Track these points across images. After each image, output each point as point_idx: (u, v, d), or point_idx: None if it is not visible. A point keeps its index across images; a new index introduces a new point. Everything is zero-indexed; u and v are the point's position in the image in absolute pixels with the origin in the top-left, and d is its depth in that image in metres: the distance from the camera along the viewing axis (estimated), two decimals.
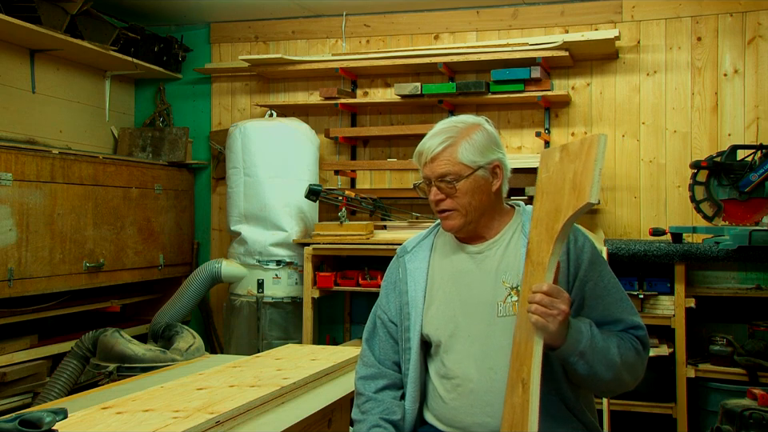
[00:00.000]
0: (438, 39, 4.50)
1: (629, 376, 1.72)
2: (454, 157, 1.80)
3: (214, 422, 1.69)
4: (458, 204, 1.81)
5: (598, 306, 1.78)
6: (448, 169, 1.80)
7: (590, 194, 1.44)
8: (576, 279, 1.77)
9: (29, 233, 3.40)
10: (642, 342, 1.76)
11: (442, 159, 1.80)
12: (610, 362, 1.67)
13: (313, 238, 4.06)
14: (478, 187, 1.82)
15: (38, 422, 1.37)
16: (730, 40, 4.02)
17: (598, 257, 1.81)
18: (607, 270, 1.82)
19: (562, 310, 1.56)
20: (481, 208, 1.84)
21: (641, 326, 1.78)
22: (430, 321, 1.88)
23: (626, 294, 1.83)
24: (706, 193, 3.65)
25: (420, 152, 1.85)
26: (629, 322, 1.78)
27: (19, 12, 3.64)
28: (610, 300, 1.79)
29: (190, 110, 4.97)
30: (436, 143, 1.81)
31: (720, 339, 3.57)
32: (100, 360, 2.96)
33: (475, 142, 1.82)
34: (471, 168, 1.80)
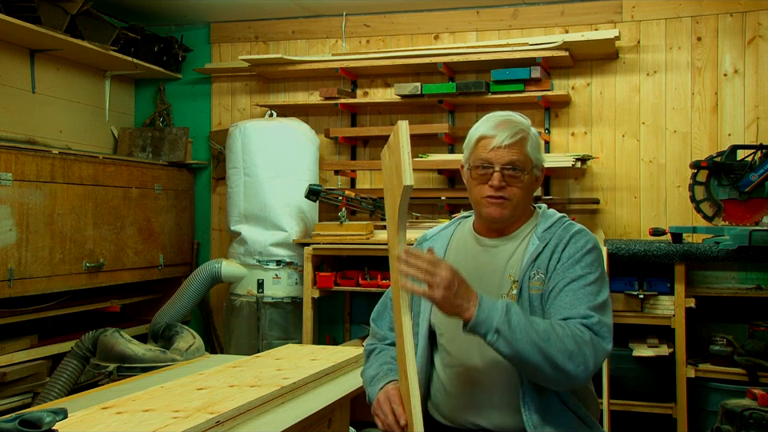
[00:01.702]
0: (438, 39, 4.50)
1: (569, 362, 1.64)
2: (524, 148, 1.85)
3: (214, 422, 1.69)
4: (515, 194, 1.85)
5: (558, 298, 1.77)
6: (519, 158, 1.84)
7: (404, 178, 1.53)
8: (553, 272, 1.81)
9: (29, 233, 3.40)
10: (591, 330, 1.70)
11: (515, 148, 1.84)
12: (535, 342, 1.63)
13: (313, 237, 4.06)
14: (531, 184, 1.89)
15: (38, 421, 1.37)
16: (730, 40, 4.02)
17: (585, 259, 1.81)
18: (590, 275, 1.79)
19: (442, 276, 1.60)
20: (526, 204, 1.90)
21: (594, 315, 1.72)
22: (436, 310, 1.89)
23: (602, 299, 1.78)
24: (706, 193, 3.65)
25: (484, 137, 1.87)
26: (581, 313, 1.73)
27: (19, 12, 3.64)
28: (573, 297, 1.76)
29: (190, 110, 4.97)
30: (510, 132, 1.84)
31: (720, 339, 3.57)
32: (100, 360, 2.96)
33: (536, 140, 1.90)
34: (533, 164, 1.87)
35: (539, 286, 1.80)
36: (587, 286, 1.77)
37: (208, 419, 1.68)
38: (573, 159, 3.88)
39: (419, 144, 4.38)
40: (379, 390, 1.84)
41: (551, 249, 1.83)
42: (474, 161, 1.88)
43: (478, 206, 1.90)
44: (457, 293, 1.62)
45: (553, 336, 1.64)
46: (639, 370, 3.58)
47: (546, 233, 1.87)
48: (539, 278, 1.81)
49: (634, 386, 3.60)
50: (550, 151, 4.25)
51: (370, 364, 1.98)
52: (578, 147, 4.23)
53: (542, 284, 1.80)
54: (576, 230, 1.87)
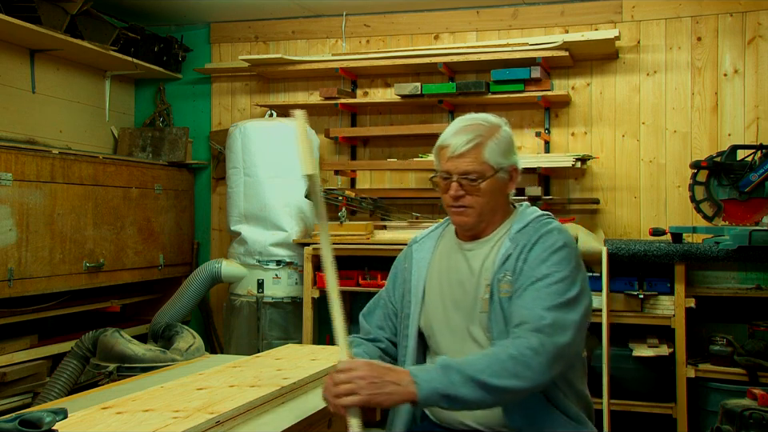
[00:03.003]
0: (438, 39, 4.50)
1: (518, 381, 1.62)
2: (480, 156, 1.83)
3: (214, 422, 1.69)
4: (476, 202, 1.85)
5: (519, 299, 1.75)
6: (474, 167, 1.82)
7: (303, 168, 1.54)
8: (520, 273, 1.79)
9: (29, 233, 3.40)
10: (542, 332, 1.66)
11: (469, 157, 1.82)
12: (482, 383, 1.60)
13: (313, 237, 4.06)
14: (497, 188, 1.86)
15: (38, 421, 1.37)
16: (730, 40, 4.02)
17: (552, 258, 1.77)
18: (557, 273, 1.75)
19: (359, 375, 1.59)
20: (494, 209, 1.88)
21: (546, 317, 1.68)
22: (425, 313, 1.94)
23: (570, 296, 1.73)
24: (706, 193, 3.65)
25: (443, 146, 1.87)
26: (535, 315, 1.69)
27: (19, 12, 3.64)
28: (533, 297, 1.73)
29: (190, 110, 4.97)
30: (464, 140, 1.82)
31: (720, 339, 3.57)
32: (100, 360, 2.95)
33: (500, 142, 1.85)
34: (495, 169, 1.84)
35: (507, 288, 1.79)
36: (552, 285, 1.73)
37: (208, 419, 1.68)
38: (573, 159, 3.88)
39: (419, 144, 4.38)
40: None
41: (519, 250, 1.82)
42: (438, 169, 1.90)
43: (449, 213, 1.92)
44: (383, 383, 1.59)
45: (495, 367, 1.62)
46: (639, 370, 3.58)
47: (518, 234, 1.85)
48: (507, 280, 1.80)
49: (634, 386, 3.60)
50: (549, 151, 4.25)
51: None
52: (578, 147, 4.23)
53: (510, 286, 1.79)
54: (547, 230, 1.84)
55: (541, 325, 1.68)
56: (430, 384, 1.60)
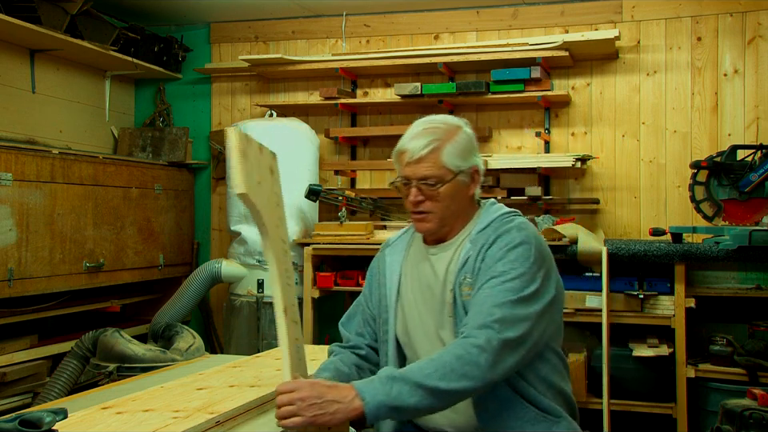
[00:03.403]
0: (438, 39, 4.50)
1: (467, 381, 1.60)
2: (438, 160, 1.79)
3: (214, 422, 1.69)
4: (437, 207, 1.82)
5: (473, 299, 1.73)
6: (432, 172, 1.79)
7: (236, 187, 1.49)
8: (478, 273, 1.77)
9: (29, 233, 3.40)
10: (490, 328, 1.64)
11: (427, 161, 1.79)
12: (430, 389, 1.57)
13: (313, 237, 4.06)
14: (458, 192, 1.83)
15: (38, 421, 1.37)
16: (730, 40, 4.02)
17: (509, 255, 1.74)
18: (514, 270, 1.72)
19: (300, 397, 1.55)
20: (456, 212, 1.86)
21: (495, 313, 1.65)
22: (400, 320, 1.93)
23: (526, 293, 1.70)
24: (706, 193, 3.65)
25: (402, 151, 1.84)
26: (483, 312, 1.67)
27: (19, 12, 3.64)
28: (486, 295, 1.70)
29: (190, 110, 4.97)
30: (421, 144, 1.79)
31: (720, 339, 3.57)
32: (100, 360, 2.95)
33: (459, 145, 1.82)
34: (454, 172, 1.81)
35: (468, 291, 1.77)
36: (506, 283, 1.70)
37: (208, 419, 1.68)
38: (573, 159, 3.88)
39: None
40: None
41: (478, 250, 1.79)
42: (397, 175, 1.86)
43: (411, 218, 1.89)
44: (325, 402, 1.55)
45: (442, 370, 1.59)
46: (639, 370, 3.58)
47: (479, 235, 1.82)
48: (467, 283, 1.77)
49: (634, 386, 3.60)
50: (549, 151, 4.25)
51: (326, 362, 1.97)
52: (578, 147, 4.23)
53: (471, 288, 1.77)
54: (506, 228, 1.80)
55: (488, 321, 1.65)
56: (376, 398, 1.56)
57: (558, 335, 1.87)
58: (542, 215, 3.97)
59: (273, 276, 1.63)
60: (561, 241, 3.57)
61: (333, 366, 1.92)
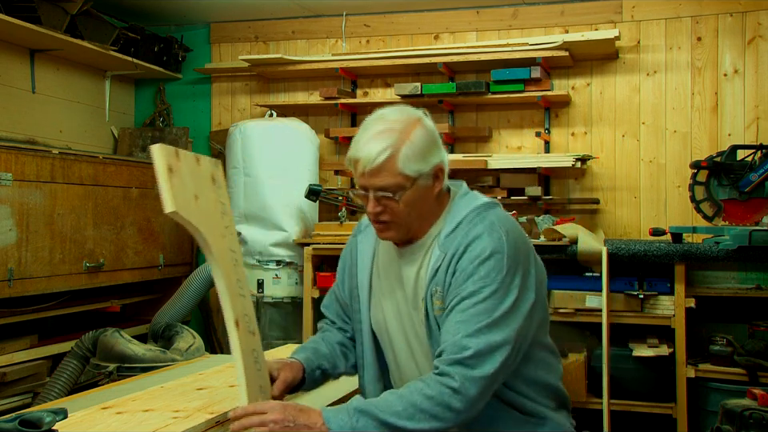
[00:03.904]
0: (438, 39, 4.50)
1: (436, 421, 1.53)
2: (394, 168, 1.62)
3: (214, 422, 1.69)
4: (398, 216, 1.68)
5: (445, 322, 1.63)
6: (389, 181, 1.63)
7: (165, 205, 1.45)
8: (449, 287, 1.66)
9: (29, 233, 3.40)
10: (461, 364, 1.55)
11: (382, 171, 1.63)
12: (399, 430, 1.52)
13: (313, 237, 4.06)
14: (420, 196, 1.68)
15: (38, 421, 1.37)
16: (730, 40, 4.02)
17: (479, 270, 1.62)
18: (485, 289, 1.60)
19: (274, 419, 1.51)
20: (421, 215, 1.72)
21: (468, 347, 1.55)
22: (374, 312, 1.86)
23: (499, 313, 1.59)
24: (706, 193, 3.65)
25: (355, 159, 1.66)
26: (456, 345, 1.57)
27: (19, 12, 3.64)
28: (458, 320, 1.60)
29: (190, 109, 4.97)
30: (374, 153, 1.62)
31: (720, 339, 3.57)
32: (100, 360, 2.95)
33: (416, 146, 1.64)
34: (413, 178, 1.65)
35: (440, 305, 1.67)
36: (478, 304, 1.59)
37: (208, 419, 1.68)
38: (573, 159, 3.88)
39: None
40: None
41: (447, 262, 1.66)
42: (355, 183, 1.74)
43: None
44: (296, 426, 1.52)
45: (411, 410, 1.52)
46: (639, 370, 3.58)
47: (447, 240, 1.69)
48: (438, 296, 1.67)
49: (634, 386, 3.60)
50: (549, 151, 4.25)
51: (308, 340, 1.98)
52: (578, 147, 4.23)
53: (442, 302, 1.67)
54: (475, 235, 1.66)
55: (462, 357, 1.55)
56: (342, 429, 1.52)
57: (543, 327, 1.78)
58: (541, 215, 3.97)
59: (220, 289, 1.59)
60: (561, 241, 3.57)
61: (312, 347, 1.90)
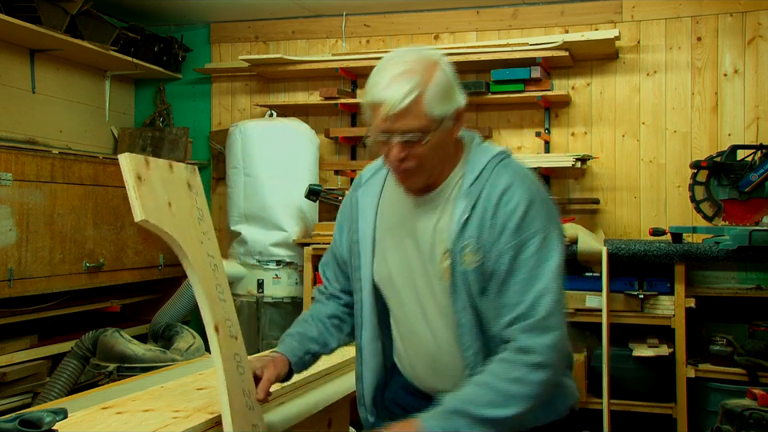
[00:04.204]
0: (438, 39, 4.50)
1: (527, 402, 1.51)
2: (421, 110, 1.54)
3: (214, 422, 1.69)
4: (423, 161, 1.58)
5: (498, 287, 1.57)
6: (415, 124, 1.54)
7: (134, 214, 1.45)
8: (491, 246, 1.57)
9: (29, 233, 3.40)
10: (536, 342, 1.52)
11: (409, 114, 1.53)
12: (494, 421, 1.50)
13: (313, 238, 4.06)
14: (444, 140, 1.60)
15: (38, 421, 1.37)
16: (730, 40, 4.02)
17: (523, 229, 1.56)
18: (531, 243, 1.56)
19: None
20: (442, 161, 1.64)
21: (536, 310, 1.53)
22: (378, 270, 1.75)
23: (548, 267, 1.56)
24: (706, 193, 3.65)
25: (376, 103, 1.56)
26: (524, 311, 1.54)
27: (19, 12, 3.64)
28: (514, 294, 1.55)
29: (190, 110, 4.97)
30: (400, 95, 1.52)
31: (720, 339, 3.57)
32: (100, 360, 2.96)
33: (440, 88, 1.56)
34: (439, 120, 1.56)
35: (473, 258, 1.58)
36: (530, 259, 1.55)
37: (208, 419, 1.68)
38: (573, 159, 3.88)
39: None
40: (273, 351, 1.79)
41: (480, 215, 1.58)
42: (372, 129, 1.60)
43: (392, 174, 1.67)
44: None
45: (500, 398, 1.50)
46: (639, 370, 3.58)
47: (472, 188, 1.61)
48: (471, 250, 1.58)
49: (634, 385, 3.60)
50: (549, 151, 4.25)
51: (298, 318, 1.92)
52: (578, 147, 4.23)
53: (476, 255, 1.58)
54: (506, 185, 1.59)
55: (534, 322, 1.53)
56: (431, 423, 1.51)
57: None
58: None
59: (198, 294, 1.58)
60: None
61: (298, 332, 1.83)
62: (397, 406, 1.81)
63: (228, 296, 1.69)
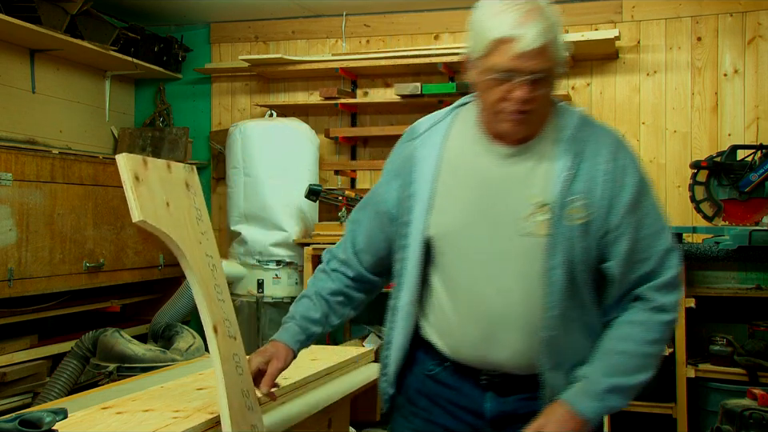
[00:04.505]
0: (438, 39, 4.50)
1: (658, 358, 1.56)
2: (551, 51, 1.49)
3: (214, 422, 1.69)
4: (540, 106, 1.53)
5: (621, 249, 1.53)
6: (545, 65, 1.48)
7: (132, 214, 1.46)
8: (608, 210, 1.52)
9: (29, 233, 3.40)
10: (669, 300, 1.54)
11: (543, 53, 1.47)
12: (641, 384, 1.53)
13: (313, 238, 4.06)
14: (554, 87, 1.57)
15: (38, 421, 1.37)
16: (730, 40, 4.02)
17: (643, 189, 1.55)
18: (649, 203, 1.56)
19: None
20: (548, 110, 1.59)
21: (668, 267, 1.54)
22: (438, 222, 1.61)
23: (668, 232, 1.58)
24: (706, 193, 3.65)
25: (507, 38, 1.46)
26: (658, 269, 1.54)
27: (19, 12, 3.64)
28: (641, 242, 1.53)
29: (190, 109, 4.97)
30: (535, 32, 1.45)
31: (720, 339, 3.57)
32: (100, 360, 2.95)
33: (561, 30, 1.53)
34: (560, 65, 1.53)
35: (580, 214, 1.52)
36: (650, 216, 1.55)
37: (208, 419, 1.68)
38: None
39: None
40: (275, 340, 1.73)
41: (589, 172, 1.53)
42: (489, 67, 1.49)
43: (492, 117, 1.55)
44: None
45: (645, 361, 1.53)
46: None
47: (573, 144, 1.56)
48: (580, 206, 1.52)
49: None
50: None
51: (302, 294, 1.83)
52: None
53: (583, 211, 1.52)
54: (613, 147, 1.56)
55: (667, 280, 1.54)
56: (598, 414, 1.51)
57: None
58: None
59: (197, 294, 1.58)
60: None
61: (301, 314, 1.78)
62: (422, 395, 1.69)
63: (227, 296, 1.69)
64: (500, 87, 1.49)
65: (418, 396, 1.70)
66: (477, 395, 1.63)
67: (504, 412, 1.61)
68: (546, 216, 1.52)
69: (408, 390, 1.72)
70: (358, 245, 1.77)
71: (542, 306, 1.53)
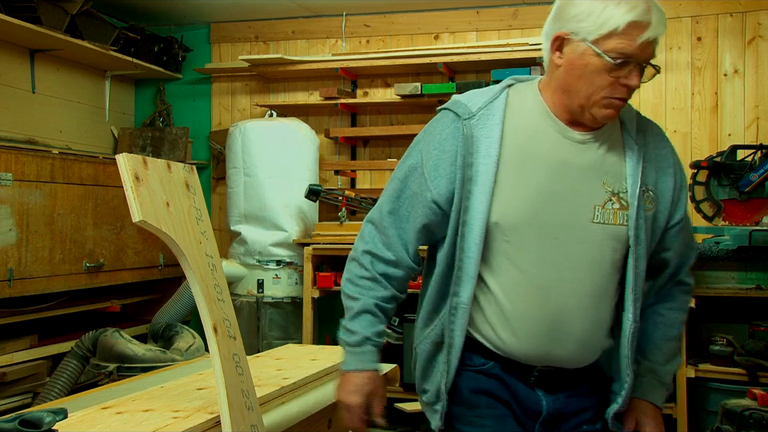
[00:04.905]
0: (438, 39, 4.50)
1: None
2: (659, 42, 1.50)
3: (214, 422, 1.69)
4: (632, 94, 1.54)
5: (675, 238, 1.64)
6: (655, 54, 1.50)
7: (132, 214, 1.48)
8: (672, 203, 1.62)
9: (29, 233, 3.40)
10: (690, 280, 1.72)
11: (656, 43, 1.48)
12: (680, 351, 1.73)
13: (313, 237, 4.06)
14: None
15: (38, 421, 1.37)
16: (730, 40, 4.02)
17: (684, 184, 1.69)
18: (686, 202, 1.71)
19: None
20: None
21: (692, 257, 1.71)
22: (504, 207, 1.51)
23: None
24: (706, 193, 3.65)
25: (640, 24, 1.43)
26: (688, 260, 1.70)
27: (19, 12, 3.64)
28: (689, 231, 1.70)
29: (190, 110, 4.97)
30: (663, 22, 1.46)
31: (720, 339, 3.57)
32: (100, 360, 2.96)
33: None
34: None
35: (650, 205, 1.55)
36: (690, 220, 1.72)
37: (208, 419, 1.68)
38: None
39: None
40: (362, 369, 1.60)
41: (654, 163, 1.59)
42: (610, 49, 1.43)
43: (584, 101, 1.49)
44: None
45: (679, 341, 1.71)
46: None
47: (638, 135, 1.59)
48: (650, 197, 1.56)
49: None
50: None
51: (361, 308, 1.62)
52: None
53: (652, 203, 1.56)
54: (664, 138, 1.67)
55: (692, 261, 1.71)
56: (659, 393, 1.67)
57: None
58: None
59: (197, 294, 1.58)
60: None
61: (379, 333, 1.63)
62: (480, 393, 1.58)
63: (226, 296, 1.69)
64: (613, 72, 1.46)
65: (475, 396, 1.59)
66: (528, 392, 1.58)
67: (557, 410, 1.58)
68: (620, 204, 1.53)
69: (461, 394, 1.60)
70: (406, 238, 1.62)
71: (610, 297, 1.56)
